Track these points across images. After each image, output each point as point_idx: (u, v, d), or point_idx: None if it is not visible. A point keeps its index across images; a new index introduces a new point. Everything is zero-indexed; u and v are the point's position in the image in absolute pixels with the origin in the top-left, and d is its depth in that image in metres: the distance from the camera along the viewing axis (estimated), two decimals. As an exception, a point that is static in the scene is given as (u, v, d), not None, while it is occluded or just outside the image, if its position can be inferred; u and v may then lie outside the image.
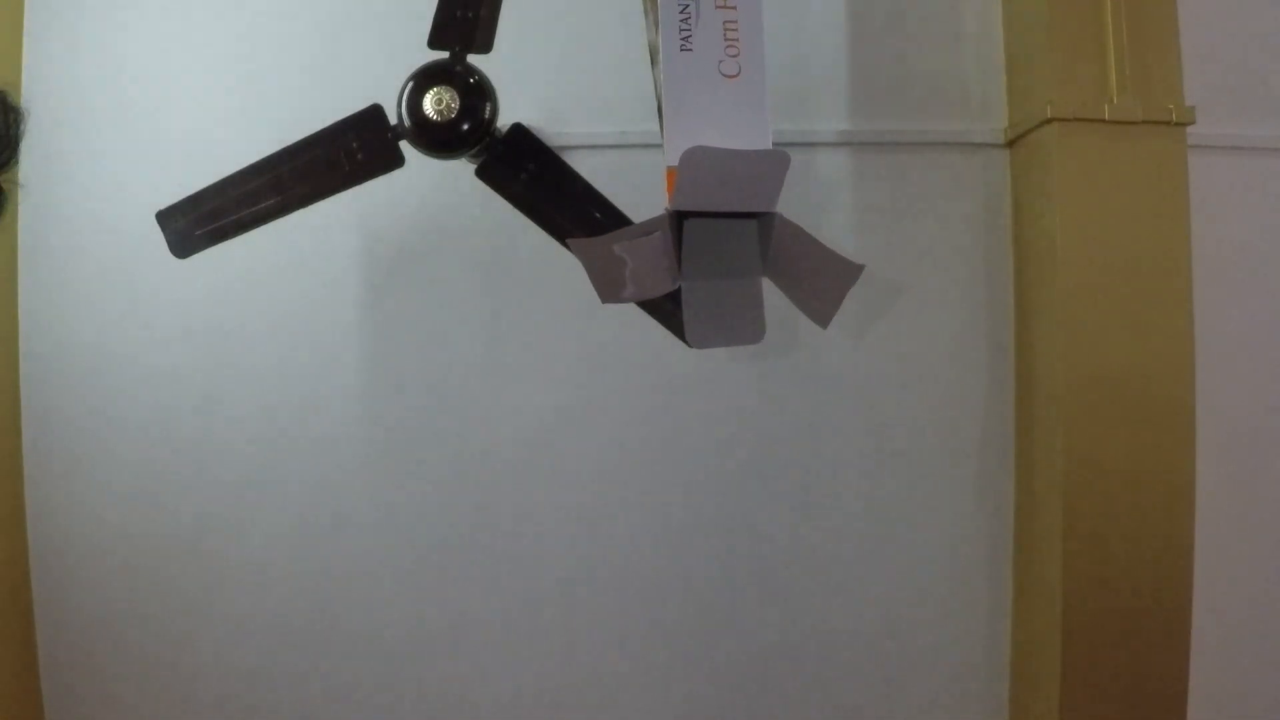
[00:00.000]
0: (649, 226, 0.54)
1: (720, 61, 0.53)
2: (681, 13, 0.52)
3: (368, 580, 1.68)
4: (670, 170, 0.52)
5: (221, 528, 1.67)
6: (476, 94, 1.20)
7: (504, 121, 1.24)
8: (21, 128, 0.71)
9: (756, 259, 0.57)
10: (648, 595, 1.70)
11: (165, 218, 1.25)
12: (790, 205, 1.72)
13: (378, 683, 1.68)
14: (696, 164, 0.49)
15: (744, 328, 0.60)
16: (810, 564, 1.70)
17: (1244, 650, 1.71)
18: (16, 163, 0.71)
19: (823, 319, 0.59)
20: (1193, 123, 1.54)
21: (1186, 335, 1.53)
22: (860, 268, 0.57)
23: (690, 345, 0.60)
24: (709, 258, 0.55)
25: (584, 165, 1.27)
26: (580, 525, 1.69)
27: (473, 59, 1.21)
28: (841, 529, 1.70)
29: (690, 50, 0.52)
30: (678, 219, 0.54)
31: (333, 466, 1.68)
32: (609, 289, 0.55)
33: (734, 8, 0.53)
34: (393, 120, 1.21)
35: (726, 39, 0.53)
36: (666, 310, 1.14)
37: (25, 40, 1.67)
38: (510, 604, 1.69)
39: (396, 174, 1.25)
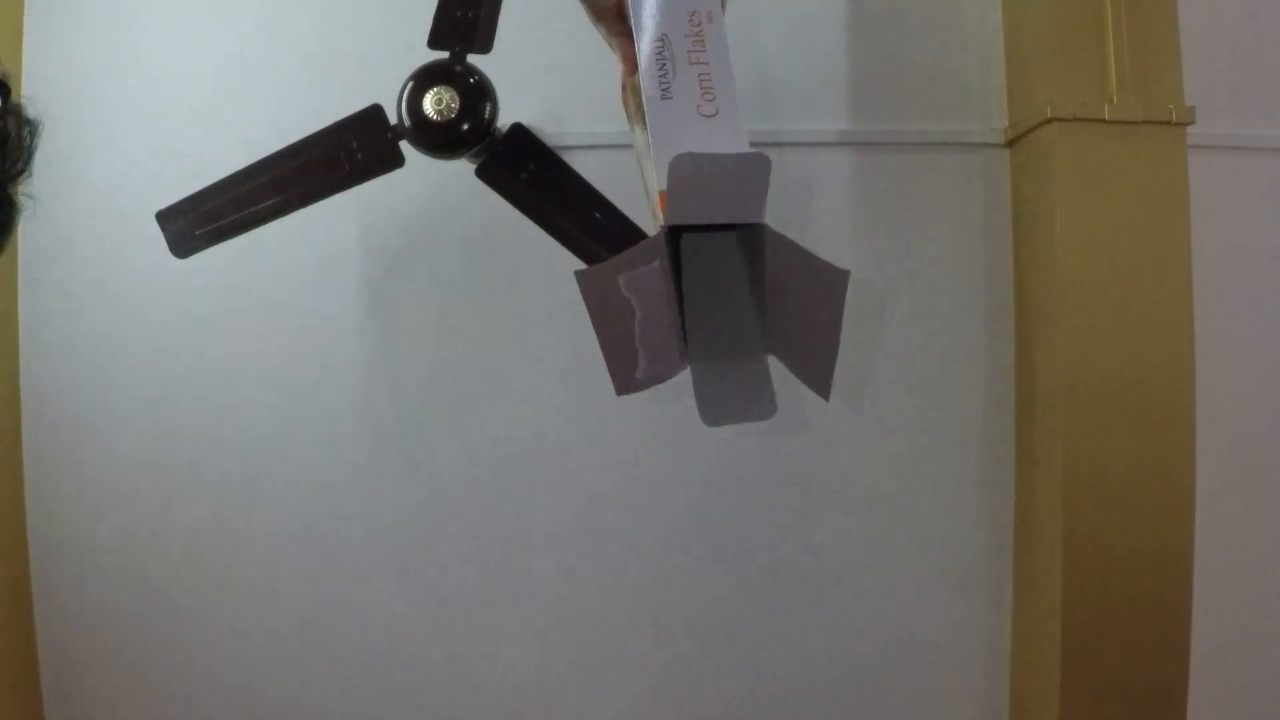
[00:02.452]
0: (647, 249, 0.56)
1: (698, 105, 0.60)
2: (660, 70, 0.60)
3: (367, 580, 1.68)
4: (661, 194, 0.56)
5: (222, 529, 1.67)
6: (476, 94, 1.20)
7: (504, 121, 1.24)
8: (36, 139, 0.71)
9: (756, 318, 0.60)
10: (647, 598, 1.69)
11: (165, 218, 1.25)
12: (790, 205, 1.72)
13: (375, 686, 1.68)
14: (685, 170, 0.53)
15: (755, 405, 0.61)
16: (809, 564, 1.70)
17: (1244, 650, 1.71)
18: (30, 174, 0.71)
19: (823, 388, 0.58)
20: (1193, 123, 1.53)
21: (1186, 335, 1.53)
22: (846, 273, 0.57)
23: (705, 424, 0.60)
24: (707, 290, 0.59)
25: (584, 165, 1.27)
26: (579, 527, 1.69)
27: (473, 59, 1.21)
28: (841, 529, 1.70)
29: (670, 98, 0.59)
30: (673, 238, 0.58)
31: (332, 469, 1.68)
32: (624, 370, 0.57)
33: (706, 63, 0.60)
34: (393, 120, 1.21)
35: (702, 87, 0.60)
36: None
37: (25, 41, 1.67)
38: (510, 608, 1.69)
39: (396, 174, 1.25)
